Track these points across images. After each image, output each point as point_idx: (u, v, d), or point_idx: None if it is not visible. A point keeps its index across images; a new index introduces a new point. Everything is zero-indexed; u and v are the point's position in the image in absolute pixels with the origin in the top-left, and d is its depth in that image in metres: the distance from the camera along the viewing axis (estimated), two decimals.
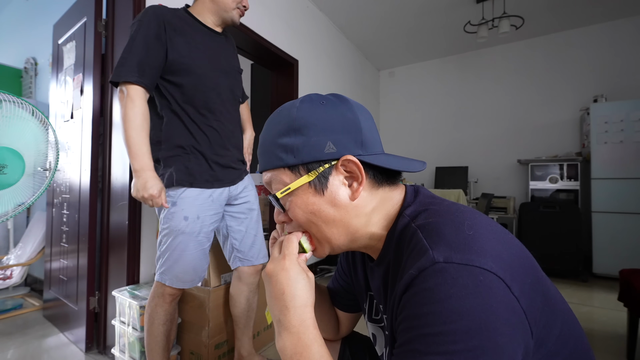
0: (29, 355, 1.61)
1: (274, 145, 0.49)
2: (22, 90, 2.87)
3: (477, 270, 0.37)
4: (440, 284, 0.37)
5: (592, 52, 3.52)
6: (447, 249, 0.39)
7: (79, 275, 1.72)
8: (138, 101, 1.07)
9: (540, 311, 0.40)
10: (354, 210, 0.48)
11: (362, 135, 0.48)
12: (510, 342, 0.36)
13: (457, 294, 0.36)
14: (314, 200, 0.48)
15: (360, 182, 0.47)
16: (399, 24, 3.53)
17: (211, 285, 1.45)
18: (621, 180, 2.88)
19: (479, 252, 0.38)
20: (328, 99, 0.49)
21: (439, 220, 0.44)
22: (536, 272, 0.43)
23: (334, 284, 0.75)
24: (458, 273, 0.37)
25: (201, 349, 1.41)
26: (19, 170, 1.67)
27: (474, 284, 0.36)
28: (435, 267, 0.38)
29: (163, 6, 1.17)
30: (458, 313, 0.35)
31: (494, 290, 0.36)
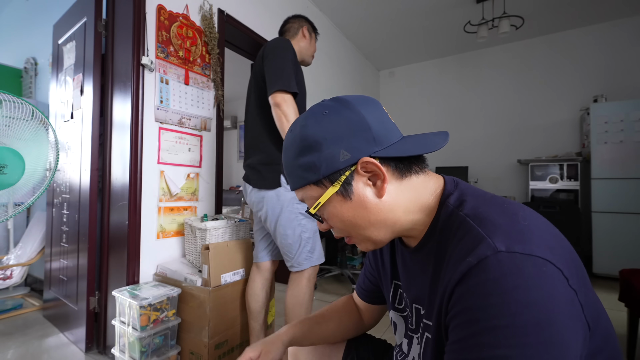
0: (29, 355, 1.61)
1: (294, 167, 0.51)
2: (22, 90, 2.86)
3: (540, 261, 0.36)
4: (506, 275, 0.36)
5: (592, 52, 3.52)
6: (506, 238, 0.38)
7: (79, 275, 1.72)
8: (294, 108, 1.29)
9: (592, 306, 0.40)
10: (387, 206, 0.48)
11: (372, 132, 0.47)
12: (574, 334, 0.35)
13: (524, 285, 0.35)
14: (346, 207, 0.49)
15: (383, 179, 0.47)
16: (399, 24, 3.53)
17: (211, 285, 1.45)
18: (621, 180, 2.88)
19: (538, 243, 0.38)
20: (330, 107, 0.49)
21: (490, 209, 0.43)
22: (583, 268, 0.42)
23: (362, 279, 0.76)
24: (523, 263, 0.36)
25: (201, 349, 1.41)
26: (19, 171, 1.67)
27: (538, 275, 0.35)
28: (499, 257, 0.37)
29: None
30: (526, 304, 0.34)
31: (556, 282, 0.36)
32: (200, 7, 1.93)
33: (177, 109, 1.77)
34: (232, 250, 1.59)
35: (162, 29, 1.71)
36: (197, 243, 1.63)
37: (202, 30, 1.92)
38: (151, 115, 1.66)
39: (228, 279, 1.54)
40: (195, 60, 1.87)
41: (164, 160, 1.71)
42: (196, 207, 1.88)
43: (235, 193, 5.15)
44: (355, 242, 0.53)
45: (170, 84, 1.74)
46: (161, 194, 1.70)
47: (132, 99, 1.58)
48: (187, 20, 1.84)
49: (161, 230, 1.69)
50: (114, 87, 1.69)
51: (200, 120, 1.91)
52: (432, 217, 0.49)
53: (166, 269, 1.63)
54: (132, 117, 1.58)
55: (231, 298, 1.51)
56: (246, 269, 1.65)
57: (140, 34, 1.60)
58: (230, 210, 4.31)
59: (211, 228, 1.58)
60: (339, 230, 0.52)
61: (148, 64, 1.60)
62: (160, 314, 1.39)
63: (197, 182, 1.89)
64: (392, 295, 0.63)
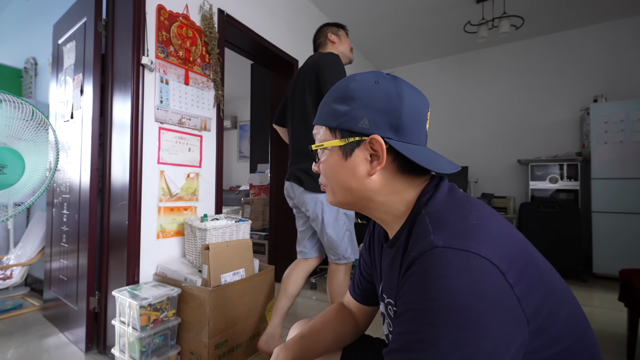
0: (29, 355, 1.61)
1: (327, 106, 0.55)
2: (22, 90, 2.86)
3: (472, 255, 0.39)
4: (435, 265, 0.39)
5: (592, 52, 3.52)
6: (448, 234, 0.41)
7: (79, 275, 1.72)
8: None
9: (541, 300, 0.41)
10: (370, 185, 0.53)
11: (399, 121, 0.50)
12: (497, 324, 0.37)
13: (449, 275, 0.38)
14: (339, 162, 0.54)
15: (380, 163, 0.50)
16: (399, 23, 3.53)
17: (211, 285, 1.45)
18: (621, 180, 2.88)
19: (478, 240, 0.40)
20: (384, 79, 0.52)
21: (448, 209, 0.46)
22: (539, 265, 0.44)
23: (357, 279, 0.77)
24: (453, 257, 0.39)
25: (201, 349, 1.41)
26: (19, 171, 1.67)
27: (466, 267, 0.38)
28: (434, 251, 0.40)
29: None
30: (446, 292, 0.37)
31: (485, 275, 0.38)
32: (200, 7, 1.93)
33: (177, 109, 1.77)
34: (232, 250, 1.59)
35: (162, 29, 1.71)
36: (197, 243, 1.63)
37: (202, 30, 1.92)
38: (151, 115, 1.66)
39: (228, 279, 1.54)
40: (195, 60, 1.87)
41: (164, 160, 1.71)
42: (196, 207, 1.88)
43: (235, 193, 5.15)
44: (326, 190, 0.60)
45: (170, 84, 1.74)
46: (161, 194, 1.70)
47: (132, 99, 1.58)
48: (187, 20, 1.84)
49: (161, 230, 1.69)
50: (114, 87, 1.69)
51: (200, 120, 1.91)
52: (409, 211, 0.53)
53: (166, 269, 1.63)
54: (132, 117, 1.58)
55: (231, 298, 1.51)
56: (246, 269, 1.65)
57: (140, 34, 1.60)
58: (230, 210, 4.31)
59: (211, 228, 1.58)
60: (322, 174, 0.59)
61: (148, 64, 1.60)
62: (160, 314, 1.39)
63: (197, 182, 1.89)
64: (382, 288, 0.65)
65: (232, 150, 6.48)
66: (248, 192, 4.31)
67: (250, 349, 1.62)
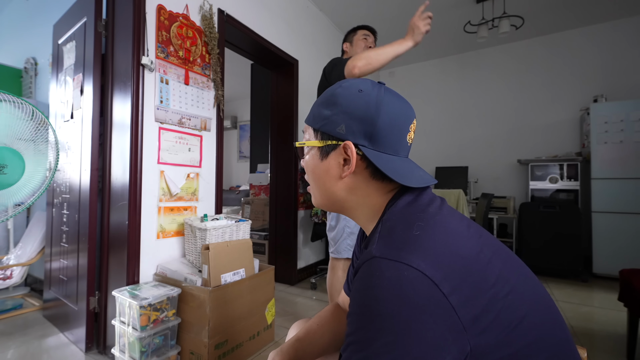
0: (29, 355, 1.61)
1: (315, 107, 0.59)
2: (22, 90, 2.86)
3: (404, 266, 0.41)
4: (368, 275, 0.42)
5: (592, 52, 3.52)
6: (386, 245, 0.44)
7: (79, 275, 1.72)
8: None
9: (485, 307, 0.42)
10: (341, 186, 0.56)
11: (374, 130, 0.52)
12: (427, 330, 0.39)
13: (379, 285, 0.41)
14: (316, 162, 0.58)
15: (350, 167, 0.53)
16: (399, 24, 3.53)
17: (211, 285, 1.45)
18: (621, 180, 2.88)
19: (413, 251, 0.42)
20: (369, 88, 0.54)
21: (398, 218, 0.49)
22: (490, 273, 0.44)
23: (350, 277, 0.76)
24: (386, 267, 0.41)
25: (201, 349, 1.41)
26: (19, 171, 1.67)
27: (396, 278, 0.40)
28: (371, 261, 0.43)
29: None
30: (375, 299, 0.40)
31: (415, 285, 0.40)
32: (200, 7, 1.93)
33: (177, 109, 1.77)
34: (232, 250, 1.59)
35: (162, 29, 1.71)
36: (197, 243, 1.63)
37: (202, 30, 1.92)
38: (151, 115, 1.66)
39: (228, 279, 1.54)
40: (195, 60, 1.87)
41: (164, 160, 1.71)
42: (196, 207, 1.88)
43: (236, 193, 5.15)
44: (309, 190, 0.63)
45: (170, 84, 1.74)
46: (161, 194, 1.70)
47: (132, 99, 1.58)
48: (187, 20, 1.84)
49: (161, 230, 1.69)
50: (114, 87, 1.69)
51: (200, 120, 1.91)
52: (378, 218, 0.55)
53: (166, 269, 1.63)
54: (132, 117, 1.58)
55: (231, 298, 1.51)
56: (246, 269, 1.65)
57: (140, 34, 1.60)
58: (230, 211, 4.32)
59: (211, 228, 1.58)
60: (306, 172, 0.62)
61: (148, 64, 1.60)
62: (160, 314, 1.39)
63: (197, 182, 1.89)
64: None
65: (232, 150, 6.48)
66: (248, 192, 4.31)
67: (250, 348, 1.62)
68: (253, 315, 1.64)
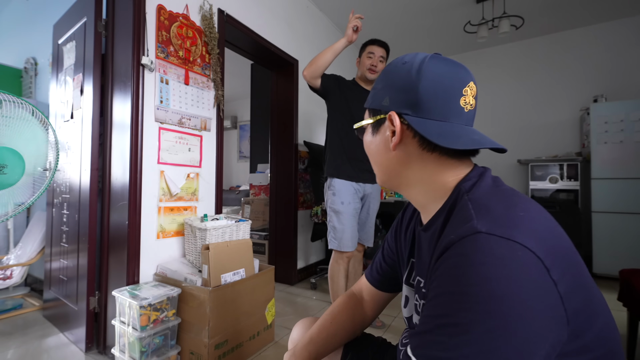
0: (29, 355, 1.61)
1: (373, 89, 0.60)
2: (22, 90, 2.86)
3: (518, 246, 0.37)
4: (476, 251, 0.38)
5: (592, 52, 3.52)
6: (492, 222, 0.39)
7: (79, 275, 1.72)
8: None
9: (582, 304, 0.39)
10: (395, 159, 0.55)
11: (417, 97, 0.50)
12: (535, 318, 0.35)
13: (491, 262, 0.36)
14: (370, 138, 0.59)
15: (397, 138, 0.52)
16: (399, 24, 3.54)
17: (211, 285, 1.45)
18: (621, 180, 2.88)
19: (524, 231, 0.38)
20: (411, 59, 0.53)
21: (493, 198, 0.45)
22: (582, 269, 0.43)
23: (378, 263, 0.76)
24: (497, 244, 0.37)
25: (201, 349, 1.41)
26: (19, 170, 1.67)
27: (510, 257, 0.36)
28: (476, 237, 0.38)
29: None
30: (487, 279, 0.36)
31: (528, 267, 0.36)
32: (200, 7, 1.93)
33: (177, 109, 1.77)
34: (232, 250, 1.59)
35: (162, 29, 1.71)
36: (197, 243, 1.63)
37: (202, 30, 1.92)
38: (151, 115, 1.66)
39: (228, 279, 1.54)
40: (195, 60, 1.87)
41: (164, 160, 1.71)
42: (196, 207, 1.88)
43: (236, 193, 5.15)
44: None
45: (170, 84, 1.74)
46: (161, 194, 1.70)
47: (132, 99, 1.58)
48: (187, 20, 1.84)
49: (161, 230, 1.69)
50: (114, 87, 1.69)
51: (200, 120, 1.91)
52: (444, 197, 0.51)
53: (166, 269, 1.63)
54: (132, 117, 1.58)
55: (231, 298, 1.51)
56: (246, 269, 1.65)
57: (140, 34, 1.60)
58: (230, 211, 4.32)
59: (211, 228, 1.58)
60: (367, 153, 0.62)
61: (148, 64, 1.60)
62: (160, 314, 1.39)
63: (197, 182, 1.89)
64: (408, 272, 0.65)
65: (232, 150, 6.48)
66: (248, 192, 4.31)
67: (251, 348, 1.62)
68: (253, 315, 1.64)
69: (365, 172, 1.87)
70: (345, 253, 1.83)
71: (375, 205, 2.00)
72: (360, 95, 1.90)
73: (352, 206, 1.82)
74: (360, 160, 1.85)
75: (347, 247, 1.80)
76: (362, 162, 1.85)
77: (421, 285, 0.56)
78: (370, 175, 1.88)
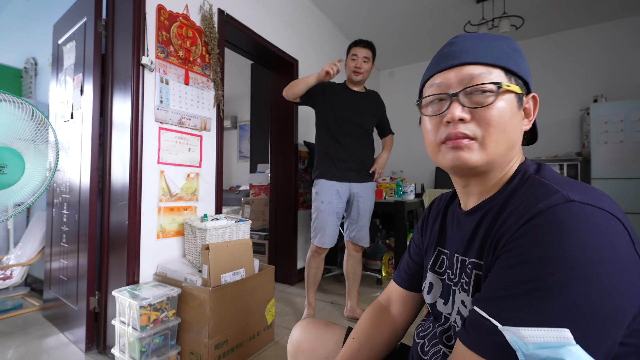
0: (29, 355, 1.61)
1: (501, 49, 0.52)
2: (22, 90, 2.86)
3: (611, 216, 0.38)
4: (572, 218, 0.38)
5: (592, 52, 3.52)
6: (581, 193, 0.40)
7: (79, 275, 1.72)
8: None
9: None
10: (519, 141, 0.53)
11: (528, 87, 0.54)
12: (627, 286, 0.36)
13: (588, 229, 0.37)
14: (513, 111, 0.50)
15: (530, 120, 0.53)
16: (399, 24, 3.54)
17: (211, 285, 1.45)
18: (621, 180, 2.88)
19: (613, 205, 0.40)
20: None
21: (569, 179, 0.46)
22: None
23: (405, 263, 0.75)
24: (593, 212, 0.38)
25: (201, 349, 1.41)
26: (19, 170, 1.67)
27: (606, 225, 0.37)
28: (569, 205, 0.39)
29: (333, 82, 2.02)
30: (583, 245, 0.36)
31: (622, 238, 0.37)
32: (200, 7, 1.93)
33: (177, 109, 1.77)
34: (232, 250, 1.59)
35: (162, 29, 1.71)
36: (197, 243, 1.63)
37: (202, 30, 1.93)
38: (151, 115, 1.66)
39: (228, 279, 1.54)
40: (195, 60, 1.87)
41: (164, 160, 1.71)
42: (196, 207, 1.88)
43: (236, 193, 5.14)
44: (472, 145, 0.49)
45: (170, 84, 1.74)
46: (161, 194, 1.70)
47: (132, 99, 1.58)
48: (187, 20, 1.84)
49: (161, 230, 1.69)
50: (114, 87, 1.69)
51: (200, 120, 1.91)
52: (505, 178, 0.52)
53: (166, 269, 1.63)
54: (132, 117, 1.58)
55: (231, 298, 1.51)
56: (246, 269, 1.65)
57: (140, 34, 1.60)
58: (230, 210, 4.31)
59: (211, 228, 1.58)
60: (478, 124, 0.49)
61: (148, 64, 1.60)
62: (160, 314, 1.39)
63: (197, 182, 1.89)
64: (434, 260, 0.64)
65: (232, 150, 6.48)
66: (248, 192, 4.31)
67: (251, 348, 1.63)
68: (253, 315, 1.64)
69: (351, 172, 1.93)
70: (322, 249, 1.93)
71: (367, 205, 2.01)
72: (347, 97, 1.97)
73: (331, 205, 1.89)
74: (344, 160, 1.92)
75: (324, 243, 1.90)
76: (346, 162, 1.92)
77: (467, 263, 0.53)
78: (355, 175, 1.93)
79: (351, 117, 1.94)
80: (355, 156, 1.95)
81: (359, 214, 1.99)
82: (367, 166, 2.01)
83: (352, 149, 1.94)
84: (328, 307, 2.31)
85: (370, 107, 2.04)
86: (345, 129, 1.94)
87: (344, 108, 1.94)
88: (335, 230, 1.93)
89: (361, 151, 1.98)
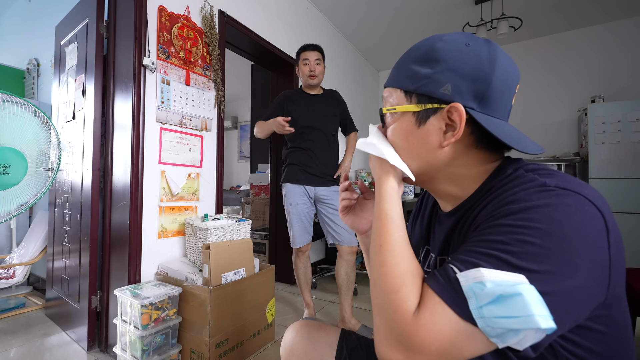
0: (32, 353, 1.63)
1: (405, 67, 0.51)
2: (24, 91, 2.88)
3: (585, 200, 0.38)
4: (543, 197, 0.38)
5: (590, 53, 3.54)
6: (560, 180, 0.40)
7: (81, 274, 1.74)
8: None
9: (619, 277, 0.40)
10: (441, 156, 0.48)
11: (487, 90, 0.45)
12: (587, 270, 0.36)
13: (557, 204, 0.37)
14: (410, 130, 0.49)
15: (455, 135, 0.46)
16: (399, 25, 3.55)
17: (212, 284, 1.47)
18: (619, 180, 2.90)
19: (592, 191, 0.39)
20: (477, 41, 0.47)
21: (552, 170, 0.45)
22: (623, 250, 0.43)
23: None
24: (566, 194, 0.38)
25: (202, 347, 1.43)
26: (22, 170, 1.68)
27: (577, 206, 0.37)
28: (543, 187, 0.39)
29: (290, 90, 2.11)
30: (550, 219, 0.36)
31: (594, 221, 0.37)
32: (201, 8, 1.95)
33: (178, 109, 1.79)
34: (232, 249, 1.60)
35: (163, 30, 1.73)
36: (197, 243, 1.65)
37: (203, 32, 1.94)
38: (152, 115, 1.67)
39: (229, 278, 1.55)
40: (196, 61, 1.89)
41: (165, 161, 1.73)
42: (197, 207, 1.89)
43: (236, 193, 5.16)
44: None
45: (171, 84, 1.75)
46: (162, 193, 1.71)
47: (134, 100, 1.60)
48: (188, 22, 1.86)
49: (162, 229, 1.71)
50: (115, 87, 1.71)
51: (201, 120, 1.92)
52: (481, 182, 0.50)
53: (167, 269, 1.65)
54: (134, 117, 1.59)
55: (232, 297, 1.53)
56: (247, 268, 1.67)
57: (141, 35, 1.62)
58: (230, 210, 4.33)
59: (212, 228, 1.60)
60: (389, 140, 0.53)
61: (149, 64, 1.61)
62: (162, 313, 1.41)
63: (198, 182, 1.91)
64: (422, 260, 0.65)
65: (233, 150, 6.49)
66: (248, 192, 4.32)
67: (251, 347, 1.64)
68: (253, 314, 1.66)
69: (314, 177, 1.96)
70: (299, 248, 1.98)
71: (335, 203, 1.97)
72: (305, 103, 2.00)
73: (299, 207, 1.94)
74: (308, 165, 1.96)
75: (295, 243, 1.97)
76: (310, 167, 1.96)
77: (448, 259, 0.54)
78: (318, 179, 1.96)
79: (312, 123, 1.96)
80: (319, 161, 1.96)
81: (329, 215, 1.95)
82: (331, 171, 2.02)
83: (315, 155, 1.95)
84: (328, 306, 2.32)
85: (331, 108, 2.05)
86: (307, 134, 1.96)
87: (303, 115, 1.95)
88: (303, 230, 1.96)
89: (325, 156, 1.99)
